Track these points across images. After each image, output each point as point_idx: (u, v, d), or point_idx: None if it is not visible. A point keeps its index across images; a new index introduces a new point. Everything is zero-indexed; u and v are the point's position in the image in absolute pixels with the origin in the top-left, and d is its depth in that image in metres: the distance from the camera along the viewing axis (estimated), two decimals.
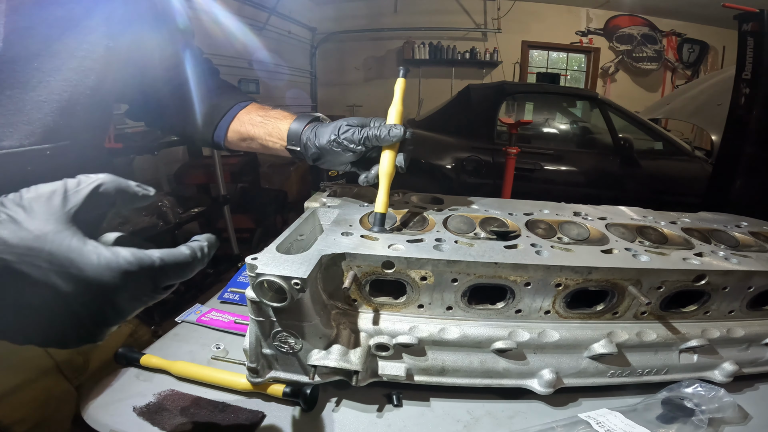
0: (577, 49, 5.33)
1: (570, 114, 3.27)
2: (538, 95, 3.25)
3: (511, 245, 0.53)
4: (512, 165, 2.25)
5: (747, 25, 1.91)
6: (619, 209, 0.76)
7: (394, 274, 0.49)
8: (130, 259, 0.28)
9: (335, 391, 0.53)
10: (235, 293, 0.75)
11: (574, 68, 5.59)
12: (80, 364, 0.64)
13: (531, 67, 5.39)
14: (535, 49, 5.38)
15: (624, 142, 2.58)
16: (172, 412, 0.48)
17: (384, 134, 0.57)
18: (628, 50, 5.19)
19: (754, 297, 0.55)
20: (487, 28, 5.12)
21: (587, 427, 0.46)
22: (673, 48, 5.23)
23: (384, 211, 0.57)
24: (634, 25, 5.18)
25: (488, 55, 5.18)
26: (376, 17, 5.11)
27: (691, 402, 0.47)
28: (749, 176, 1.96)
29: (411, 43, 5.10)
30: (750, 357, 0.56)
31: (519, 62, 5.27)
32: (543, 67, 5.46)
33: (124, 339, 0.70)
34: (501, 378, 0.51)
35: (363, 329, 0.50)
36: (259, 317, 0.47)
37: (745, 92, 1.96)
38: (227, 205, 2.49)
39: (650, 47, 5.17)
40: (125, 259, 0.28)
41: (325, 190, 0.76)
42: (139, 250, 0.29)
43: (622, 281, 0.51)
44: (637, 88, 5.38)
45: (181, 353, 0.58)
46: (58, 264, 0.27)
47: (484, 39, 5.21)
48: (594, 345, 0.51)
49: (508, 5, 5.02)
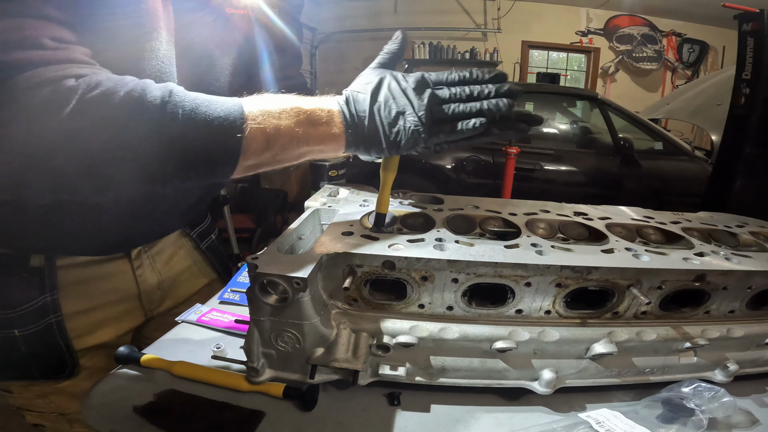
0: (577, 49, 5.34)
1: (570, 114, 3.27)
2: (538, 95, 3.24)
3: (511, 245, 0.53)
4: (512, 165, 2.25)
5: (747, 25, 1.91)
6: (620, 209, 0.76)
7: (394, 273, 0.49)
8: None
9: (335, 391, 0.53)
10: (235, 293, 0.75)
11: (574, 68, 5.60)
12: (158, 299, 0.76)
13: (531, 67, 5.39)
14: (535, 49, 5.38)
15: (624, 142, 2.58)
16: (172, 412, 0.48)
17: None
18: (628, 50, 5.20)
19: (754, 297, 0.55)
20: (487, 28, 5.12)
21: (587, 427, 0.46)
22: (673, 48, 5.23)
23: (385, 211, 0.57)
24: (634, 25, 5.18)
25: (488, 55, 5.18)
26: (376, 17, 5.11)
27: (691, 402, 0.47)
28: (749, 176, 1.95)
29: (411, 43, 5.10)
30: (750, 357, 0.56)
31: (519, 62, 5.27)
32: (543, 67, 5.46)
33: (199, 288, 0.83)
34: (501, 378, 0.51)
35: (363, 329, 0.50)
36: (260, 317, 0.47)
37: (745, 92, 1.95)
38: (227, 205, 2.49)
39: (650, 47, 5.17)
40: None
41: (326, 190, 0.76)
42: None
43: (622, 281, 0.51)
44: (637, 88, 5.38)
45: (181, 353, 0.58)
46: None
47: (484, 39, 5.21)
48: (594, 345, 0.51)
49: (508, 5, 5.02)
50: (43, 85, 0.38)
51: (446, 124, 0.47)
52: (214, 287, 0.86)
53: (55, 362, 0.63)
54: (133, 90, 0.40)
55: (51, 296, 0.60)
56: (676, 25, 5.13)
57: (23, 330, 0.59)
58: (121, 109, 0.39)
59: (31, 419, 0.68)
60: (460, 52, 5.14)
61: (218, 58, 0.64)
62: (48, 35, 0.40)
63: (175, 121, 0.40)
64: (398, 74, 0.49)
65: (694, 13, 4.76)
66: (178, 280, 0.79)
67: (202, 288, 0.84)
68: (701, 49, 5.16)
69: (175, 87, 0.42)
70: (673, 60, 5.25)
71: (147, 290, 0.73)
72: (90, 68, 0.42)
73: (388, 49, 0.53)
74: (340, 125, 0.47)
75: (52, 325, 0.61)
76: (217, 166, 0.44)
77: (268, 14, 0.67)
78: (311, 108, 0.46)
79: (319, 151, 0.49)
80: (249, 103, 0.45)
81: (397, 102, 0.46)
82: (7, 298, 0.58)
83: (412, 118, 0.46)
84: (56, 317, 0.61)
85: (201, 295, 0.83)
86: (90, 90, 0.38)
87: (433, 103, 0.46)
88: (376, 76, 0.49)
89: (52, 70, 0.39)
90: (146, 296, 0.73)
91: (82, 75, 0.40)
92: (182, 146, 0.41)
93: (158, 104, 0.40)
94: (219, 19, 0.62)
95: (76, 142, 0.38)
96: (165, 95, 0.41)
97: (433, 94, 0.47)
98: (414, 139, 0.47)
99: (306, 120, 0.46)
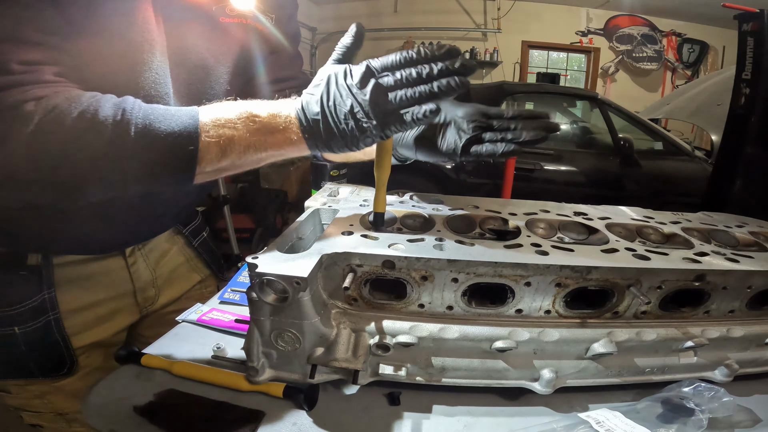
0: (577, 49, 5.34)
1: (570, 114, 3.27)
2: (538, 95, 3.24)
3: (511, 245, 0.53)
4: (512, 165, 2.25)
5: (747, 25, 1.91)
6: (620, 209, 0.76)
7: (394, 273, 0.49)
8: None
9: (335, 391, 0.53)
10: (236, 293, 0.75)
11: (574, 68, 5.60)
12: (152, 296, 0.76)
13: (531, 67, 5.39)
14: (535, 49, 5.38)
15: (624, 142, 2.58)
16: (172, 412, 0.48)
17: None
18: (628, 50, 5.20)
19: (754, 297, 0.55)
20: (487, 28, 5.12)
21: (587, 427, 0.46)
22: (673, 48, 5.24)
23: (382, 210, 0.57)
24: (634, 25, 5.18)
25: (488, 55, 5.18)
26: (376, 17, 5.11)
27: (691, 402, 0.47)
28: (749, 176, 1.95)
29: (411, 43, 5.10)
30: (750, 357, 0.56)
31: (519, 62, 5.27)
32: (543, 67, 5.46)
33: (192, 285, 0.85)
34: (501, 378, 0.51)
35: (363, 329, 0.50)
36: (260, 317, 0.47)
37: (745, 92, 1.95)
38: (227, 205, 2.49)
39: (650, 47, 5.17)
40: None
41: (326, 189, 0.76)
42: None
43: (622, 281, 0.51)
44: (637, 88, 5.38)
45: (181, 353, 0.58)
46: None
47: (484, 39, 5.21)
48: (594, 344, 0.51)
49: (508, 5, 5.02)
50: (5, 111, 0.40)
51: (395, 113, 0.45)
52: (207, 284, 0.88)
53: (54, 360, 0.64)
54: (85, 111, 0.42)
55: (48, 293, 0.61)
56: (676, 25, 5.13)
57: (23, 327, 0.60)
58: (74, 129, 0.41)
59: (29, 419, 0.69)
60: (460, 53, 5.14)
61: (214, 67, 0.64)
62: (17, 59, 0.42)
63: (126, 139, 0.42)
64: (345, 68, 0.46)
65: (694, 13, 4.77)
66: (172, 276, 0.80)
67: (195, 285, 0.85)
68: (701, 49, 5.16)
69: (130, 103, 0.44)
70: (673, 60, 5.25)
71: (141, 287, 0.74)
72: (53, 88, 0.43)
73: (342, 42, 0.50)
74: (298, 131, 0.46)
75: (50, 322, 0.62)
76: (173, 177, 0.46)
77: (263, 21, 0.67)
78: (267, 115, 0.46)
79: (280, 155, 0.49)
80: (204, 113, 0.46)
81: (344, 100, 0.44)
82: (6, 296, 0.60)
83: (360, 114, 0.44)
84: (54, 314, 0.62)
85: (195, 292, 0.84)
86: (47, 113, 0.41)
87: (377, 94, 0.44)
88: (325, 74, 0.47)
89: (15, 93, 0.41)
90: (141, 293, 0.74)
91: (41, 97, 0.41)
92: (137, 161, 0.43)
93: (110, 123, 0.42)
94: (214, 29, 0.62)
95: (38, 162, 0.41)
96: (117, 114, 0.42)
97: (376, 84, 0.44)
98: (368, 135, 0.45)
99: (262, 128, 0.46)
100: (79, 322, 0.66)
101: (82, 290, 0.66)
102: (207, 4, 0.60)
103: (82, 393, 0.53)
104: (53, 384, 0.66)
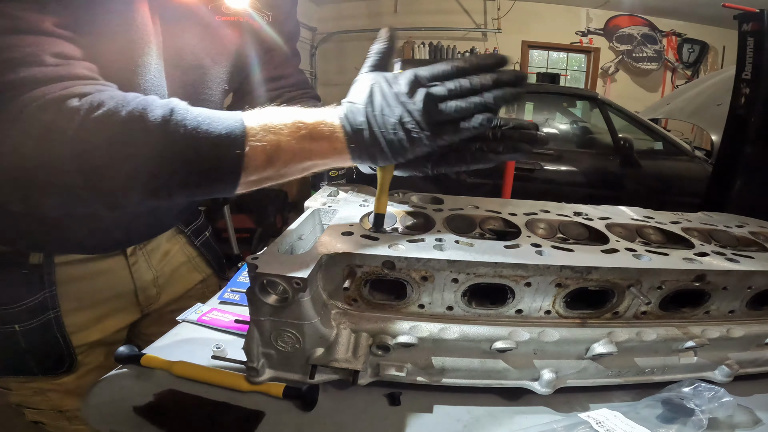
0: (577, 49, 5.33)
1: (570, 114, 3.27)
2: (538, 95, 3.24)
3: (511, 245, 0.53)
4: (512, 165, 2.24)
5: (747, 25, 1.91)
6: (620, 209, 0.76)
7: (394, 273, 0.49)
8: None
9: (335, 391, 0.53)
10: (235, 293, 0.75)
11: (574, 68, 5.59)
12: (153, 295, 0.77)
13: (531, 67, 5.38)
14: (535, 49, 5.38)
15: (624, 142, 2.57)
16: (172, 412, 0.48)
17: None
18: (628, 50, 5.19)
19: (754, 297, 0.55)
20: (487, 28, 5.12)
21: (587, 427, 0.46)
22: (673, 48, 5.23)
23: (383, 212, 0.57)
24: (634, 25, 5.18)
25: None
26: (376, 17, 5.10)
27: (691, 402, 0.47)
28: (749, 176, 1.95)
29: (411, 43, 5.10)
30: (750, 357, 0.56)
31: (519, 62, 5.27)
32: (543, 67, 5.46)
33: (194, 284, 0.85)
34: (501, 378, 0.51)
35: (363, 329, 0.50)
36: (260, 317, 0.47)
37: (745, 92, 1.95)
38: (227, 205, 2.49)
39: (650, 47, 5.17)
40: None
41: (326, 190, 0.76)
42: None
43: (622, 281, 0.51)
44: (637, 88, 5.38)
45: (181, 353, 0.58)
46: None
47: (484, 39, 5.21)
48: (594, 345, 0.51)
49: (508, 5, 5.02)
50: (48, 106, 0.38)
51: (449, 124, 0.44)
52: (209, 283, 0.88)
53: (54, 358, 0.64)
54: (134, 109, 0.40)
55: (50, 292, 0.62)
56: (676, 25, 5.13)
57: (23, 325, 0.60)
58: (123, 129, 0.39)
59: (31, 416, 0.69)
60: (460, 53, 5.14)
61: (209, 66, 0.64)
62: (49, 51, 0.40)
63: (176, 140, 0.40)
64: (389, 76, 0.46)
65: (694, 13, 4.76)
66: (174, 276, 0.80)
67: (197, 284, 0.85)
68: (701, 49, 5.15)
69: (178, 104, 0.42)
70: (673, 60, 5.24)
71: (142, 286, 0.74)
72: (94, 85, 0.42)
73: (377, 49, 0.49)
74: (342, 139, 0.45)
75: (51, 320, 0.62)
76: (218, 183, 0.44)
77: (259, 19, 0.67)
78: (313, 122, 0.45)
79: (324, 165, 0.47)
80: (250, 119, 0.44)
81: (392, 109, 0.43)
82: (7, 295, 0.60)
83: (411, 124, 0.43)
84: (55, 313, 0.62)
85: (196, 291, 0.84)
86: (93, 110, 0.39)
87: (429, 104, 0.43)
88: (368, 83, 0.46)
89: (57, 88, 0.39)
90: (142, 292, 0.74)
91: (85, 94, 0.40)
92: (184, 163, 0.42)
93: (159, 123, 0.40)
94: (209, 28, 0.62)
95: (81, 160, 0.39)
96: (166, 114, 0.41)
97: (428, 93, 0.43)
98: (418, 145, 0.44)
99: (308, 135, 0.44)
100: (79, 320, 0.66)
101: (82, 289, 0.66)
102: (202, 2, 0.60)
103: (82, 391, 0.53)
104: (53, 382, 0.66)
